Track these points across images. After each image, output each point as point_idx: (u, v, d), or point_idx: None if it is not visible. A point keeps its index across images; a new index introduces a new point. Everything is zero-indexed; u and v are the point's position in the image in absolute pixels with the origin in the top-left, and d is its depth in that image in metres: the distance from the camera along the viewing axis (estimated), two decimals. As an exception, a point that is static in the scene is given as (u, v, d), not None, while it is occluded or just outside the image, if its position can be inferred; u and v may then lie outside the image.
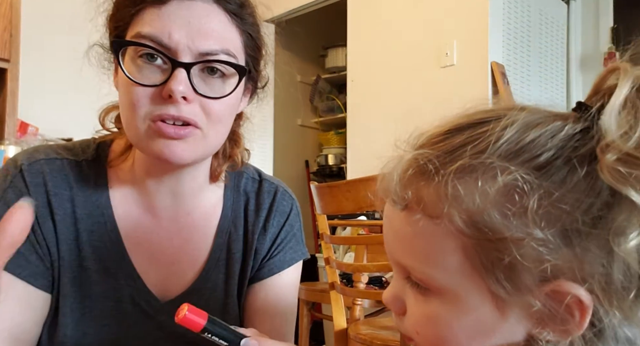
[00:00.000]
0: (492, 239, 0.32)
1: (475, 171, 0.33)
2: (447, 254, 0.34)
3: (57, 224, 0.65)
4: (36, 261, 0.64)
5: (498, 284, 0.33)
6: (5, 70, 2.28)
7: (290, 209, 0.79)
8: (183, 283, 0.72)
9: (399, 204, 0.37)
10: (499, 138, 0.33)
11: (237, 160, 0.75)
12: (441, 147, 0.36)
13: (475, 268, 0.34)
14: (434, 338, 0.37)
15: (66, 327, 0.65)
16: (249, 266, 0.75)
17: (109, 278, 0.67)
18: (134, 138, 0.62)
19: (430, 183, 0.35)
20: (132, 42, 0.59)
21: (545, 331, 0.34)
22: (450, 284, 0.35)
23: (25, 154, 0.68)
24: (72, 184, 0.67)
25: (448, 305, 0.36)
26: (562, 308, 0.33)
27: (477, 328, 0.35)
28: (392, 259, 0.39)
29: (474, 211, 0.33)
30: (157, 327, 0.69)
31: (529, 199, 0.31)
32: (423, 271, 0.36)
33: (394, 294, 0.40)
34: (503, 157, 0.33)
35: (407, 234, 0.37)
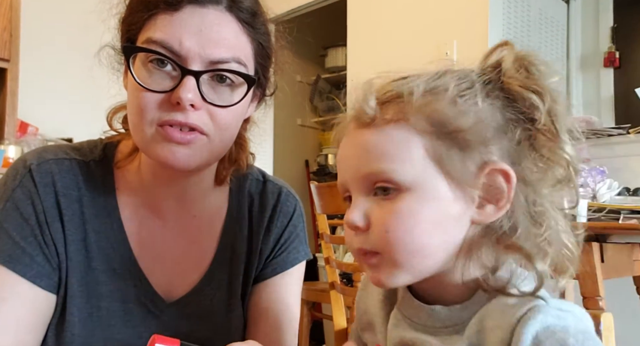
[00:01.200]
0: (448, 131, 0.43)
1: (429, 90, 0.45)
2: (413, 150, 0.43)
3: (65, 225, 0.65)
4: (42, 261, 0.64)
5: (453, 166, 0.43)
6: (5, 70, 2.28)
7: (294, 209, 0.79)
8: (188, 284, 0.72)
9: (371, 119, 0.45)
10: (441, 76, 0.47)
11: (242, 164, 0.75)
12: (392, 82, 0.48)
13: (435, 158, 0.43)
14: (404, 229, 0.43)
15: (73, 327, 0.65)
16: (253, 266, 0.75)
17: (116, 279, 0.68)
18: (140, 142, 0.62)
19: (395, 100, 0.45)
20: (143, 48, 0.59)
21: (484, 209, 0.44)
22: (416, 176, 0.43)
23: (34, 154, 0.68)
24: (80, 184, 0.68)
25: (414, 196, 0.43)
26: (496, 182, 0.44)
27: (438, 213, 0.44)
28: (358, 176, 0.46)
29: (434, 112, 0.44)
30: (163, 327, 0.69)
31: (471, 103, 0.44)
32: (393, 169, 0.43)
33: (361, 211, 0.45)
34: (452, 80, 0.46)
35: (378, 143, 0.44)
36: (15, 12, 2.29)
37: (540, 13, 2.67)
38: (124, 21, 0.64)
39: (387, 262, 0.45)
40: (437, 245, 0.44)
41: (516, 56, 0.46)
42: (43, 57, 2.63)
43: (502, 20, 2.41)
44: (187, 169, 0.62)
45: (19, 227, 0.63)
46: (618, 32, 2.75)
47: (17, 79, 2.32)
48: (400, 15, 2.67)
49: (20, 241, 0.63)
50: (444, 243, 0.45)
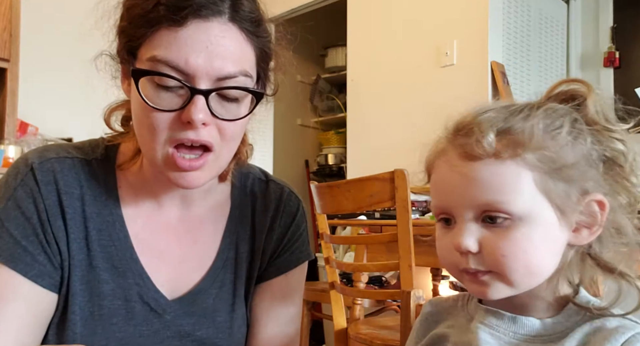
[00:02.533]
0: (556, 167, 0.48)
1: (546, 130, 0.49)
2: (524, 183, 0.48)
3: (67, 223, 0.66)
4: (44, 260, 0.64)
5: (558, 197, 0.49)
6: (5, 70, 2.28)
7: (297, 210, 0.80)
8: (191, 283, 0.72)
9: (487, 154, 0.49)
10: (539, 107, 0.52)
11: (242, 157, 0.76)
12: (505, 116, 0.51)
13: (543, 190, 0.48)
14: (522, 254, 0.48)
15: (75, 325, 0.65)
16: (256, 266, 0.76)
17: (118, 277, 0.68)
18: (151, 160, 0.63)
19: (510, 136, 0.49)
20: (152, 72, 0.59)
21: (580, 233, 0.51)
22: (528, 206, 0.48)
23: (35, 153, 0.68)
24: (82, 182, 0.68)
25: (526, 223, 0.48)
26: (592, 210, 0.50)
27: (547, 238, 0.49)
28: (470, 205, 0.50)
29: (547, 151, 0.48)
30: (164, 326, 0.69)
31: (578, 142, 0.50)
32: (508, 201, 0.48)
33: (473, 237, 0.50)
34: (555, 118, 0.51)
35: (494, 177, 0.49)
36: (15, 12, 2.29)
37: (540, 13, 2.67)
38: (123, 32, 0.63)
39: (500, 280, 0.50)
40: (547, 265, 0.50)
41: (597, 98, 0.52)
42: (43, 57, 2.63)
43: (502, 20, 2.41)
44: (196, 187, 0.64)
45: (21, 226, 0.63)
46: (618, 32, 2.75)
47: (17, 79, 2.32)
48: (400, 15, 2.67)
49: (22, 240, 0.63)
50: (550, 264, 0.50)
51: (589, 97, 0.52)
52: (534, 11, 2.63)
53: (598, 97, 0.52)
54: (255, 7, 0.64)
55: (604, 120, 0.51)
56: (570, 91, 0.53)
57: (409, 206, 1.31)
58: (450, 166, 0.52)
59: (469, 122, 0.52)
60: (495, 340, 0.53)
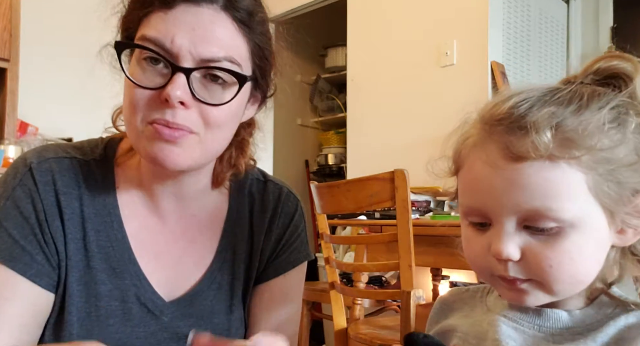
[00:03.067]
0: (610, 168, 0.44)
1: (597, 121, 0.44)
2: (577, 187, 0.44)
3: (65, 223, 0.65)
4: (42, 260, 0.64)
5: (610, 199, 0.44)
6: (5, 70, 2.28)
7: (295, 210, 0.79)
8: (188, 284, 0.72)
9: (536, 156, 0.43)
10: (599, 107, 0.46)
11: (241, 169, 0.75)
12: (554, 103, 0.46)
13: (595, 193, 0.44)
14: (570, 264, 0.44)
15: (72, 326, 0.65)
16: (254, 267, 0.75)
17: (115, 278, 0.67)
18: (133, 140, 0.63)
19: (566, 135, 0.44)
20: (133, 44, 0.60)
21: (625, 234, 0.47)
22: (579, 212, 0.44)
23: (34, 153, 0.68)
24: (80, 183, 0.67)
25: (578, 231, 0.44)
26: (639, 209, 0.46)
27: (598, 245, 0.46)
28: (515, 210, 0.45)
29: (604, 151, 0.44)
30: (161, 327, 0.69)
31: (627, 138, 0.45)
32: (561, 208, 0.43)
33: (515, 245, 0.46)
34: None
35: (542, 181, 0.43)
36: (15, 12, 2.29)
37: (540, 13, 2.67)
38: (122, 20, 0.64)
39: (540, 289, 0.46)
40: (592, 273, 0.47)
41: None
42: (43, 57, 2.63)
43: (502, 20, 2.41)
44: (177, 168, 0.61)
45: (19, 226, 0.63)
46: (618, 32, 2.75)
47: (17, 79, 2.32)
48: (400, 15, 2.67)
49: (20, 240, 0.63)
50: (595, 270, 0.47)
51: (636, 76, 0.46)
52: (534, 11, 2.63)
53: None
54: (253, 2, 0.64)
55: None
56: (611, 67, 0.47)
57: (409, 206, 1.31)
58: (491, 165, 0.46)
59: (513, 113, 0.45)
60: (519, 334, 0.49)
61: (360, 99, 2.84)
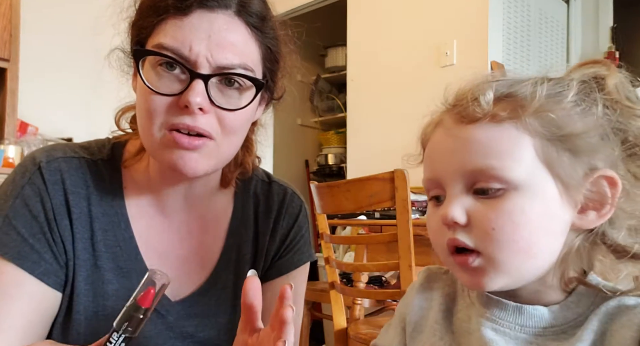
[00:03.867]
0: (561, 134, 0.44)
1: (549, 93, 0.45)
2: (523, 149, 0.44)
3: (73, 223, 0.66)
4: (50, 259, 0.64)
5: (562, 169, 0.44)
6: (5, 70, 2.28)
7: (299, 211, 0.79)
8: (194, 283, 0.72)
9: (484, 114, 0.45)
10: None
11: (248, 167, 0.76)
12: (508, 82, 0.47)
13: (545, 159, 0.44)
14: (513, 227, 0.43)
15: (79, 325, 0.65)
16: (259, 267, 0.76)
17: (122, 277, 0.68)
18: (149, 146, 0.63)
19: (510, 98, 0.46)
20: (153, 51, 0.60)
21: (586, 214, 0.45)
22: (526, 175, 0.43)
23: (43, 152, 0.68)
24: (88, 182, 0.68)
25: (523, 195, 0.43)
26: (603, 189, 0.44)
27: (546, 214, 0.44)
28: (461, 171, 0.45)
29: (550, 115, 0.44)
30: (167, 327, 0.69)
31: (586, 111, 0.45)
32: (505, 167, 0.43)
33: (461, 207, 0.45)
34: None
35: (490, 139, 0.44)
36: (15, 11, 2.29)
37: (540, 13, 2.67)
38: (134, 25, 0.64)
39: (489, 262, 0.44)
40: (543, 246, 0.44)
41: (617, 77, 0.47)
42: (43, 56, 2.63)
43: (502, 20, 2.41)
44: (195, 174, 0.62)
45: (28, 224, 0.64)
46: (618, 32, 2.75)
47: (17, 79, 2.32)
48: (400, 15, 2.67)
49: (29, 238, 0.63)
50: (549, 244, 0.45)
51: (608, 75, 0.47)
52: (534, 11, 2.63)
53: (618, 76, 0.48)
54: (263, 5, 0.65)
55: (625, 98, 0.47)
56: (590, 74, 0.48)
57: (409, 206, 1.31)
58: (445, 131, 0.48)
59: (469, 89, 0.47)
60: (499, 336, 0.47)
61: (360, 99, 2.84)
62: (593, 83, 0.47)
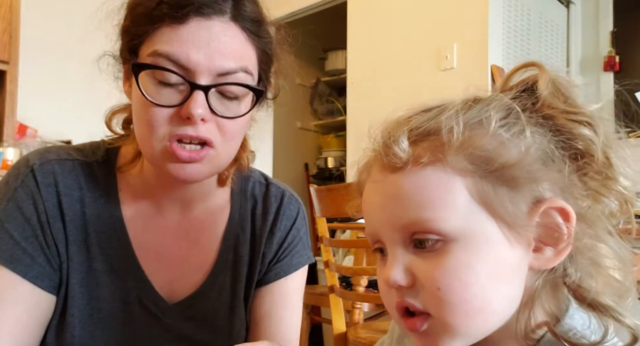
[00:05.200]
0: (492, 168, 0.38)
1: (468, 124, 0.40)
2: (455, 194, 0.39)
3: (67, 225, 0.65)
4: (43, 262, 0.64)
5: (502, 208, 0.38)
6: (5, 72, 2.28)
7: (297, 213, 0.79)
8: (191, 286, 0.72)
9: (404, 163, 0.40)
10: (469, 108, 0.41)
11: (243, 163, 0.75)
12: (423, 118, 0.42)
13: (481, 200, 0.39)
14: (458, 285, 0.38)
15: (74, 328, 0.65)
16: (256, 269, 0.75)
17: (117, 280, 0.67)
18: (149, 156, 0.63)
19: (429, 139, 0.40)
20: (153, 65, 0.59)
21: (543, 252, 0.40)
22: (463, 223, 0.38)
23: (36, 154, 0.68)
24: (82, 185, 0.68)
25: (464, 245, 0.38)
26: (555, 221, 0.39)
27: (494, 262, 0.39)
28: (394, 227, 0.41)
29: (475, 149, 0.39)
30: (164, 329, 0.69)
31: (516, 135, 0.40)
32: (436, 218, 0.38)
33: (401, 267, 0.40)
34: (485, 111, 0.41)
35: (415, 189, 0.40)
36: (15, 14, 2.29)
37: (540, 17, 2.67)
38: (125, 31, 0.64)
39: (441, 326, 0.39)
40: (498, 300, 0.39)
41: (550, 79, 0.42)
42: (42, 59, 2.63)
43: (502, 24, 2.41)
44: (195, 181, 0.63)
45: (21, 227, 0.63)
46: (618, 36, 2.75)
47: (17, 81, 2.32)
48: (400, 19, 2.67)
49: (22, 242, 0.63)
50: (505, 297, 0.39)
51: (539, 78, 0.42)
52: (534, 15, 2.63)
53: (551, 77, 0.42)
54: (257, 9, 0.65)
55: (562, 102, 0.41)
56: (529, 78, 0.43)
57: (408, 209, 1.31)
58: (373, 182, 0.43)
59: (386, 133, 0.43)
60: None
61: (360, 103, 2.84)
62: (524, 95, 0.42)
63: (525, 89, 0.43)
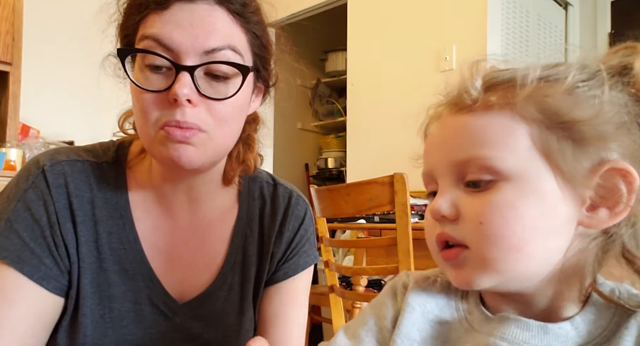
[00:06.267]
0: (561, 121, 0.39)
1: (545, 77, 0.41)
2: (518, 138, 0.40)
3: (77, 226, 0.66)
4: (51, 264, 0.64)
5: (563, 161, 0.39)
6: (7, 73, 2.29)
7: (305, 213, 0.79)
8: (200, 285, 0.72)
9: (474, 101, 0.42)
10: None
11: (250, 165, 0.75)
12: (503, 70, 0.43)
13: (543, 149, 0.39)
14: (501, 222, 0.39)
15: (86, 328, 0.65)
16: (265, 269, 0.76)
17: (128, 280, 0.68)
18: (147, 145, 0.63)
19: (502, 86, 0.42)
20: (133, 49, 0.60)
21: (597, 212, 0.40)
22: (520, 165, 0.39)
23: (47, 155, 0.68)
24: (92, 186, 0.68)
25: (515, 187, 0.39)
26: (615, 183, 0.39)
27: (542, 210, 0.39)
28: (452, 162, 0.42)
29: (547, 99, 0.39)
30: (174, 329, 0.69)
31: (592, 94, 0.40)
32: (495, 156, 0.40)
33: (449, 200, 0.42)
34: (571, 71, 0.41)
35: (479, 127, 0.41)
36: (18, 15, 2.30)
37: (539, 18, 2.69)
38: (120, 28, 0.65)
39: (477, 259, 0.40)
40: (539, 246, 0.40)
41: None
42: (45, 60, 2.64)
43: (500, 26, 2.42)
44: (191, 166, 0.62)
45: (29, 228, 0.64)
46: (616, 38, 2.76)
47: (19, 82, 2.33)
48: (400, 20, 2.68)
49: (30, 242, 0.63)
50: (547, 243, 0.40)
51: (636, 59, 0.42)
52: (532, 16, 2.64)
53: None
54: None
55: None
56: (626, 60, 0.43)
57: (408, 209, 1.32)
58: (440, 123, 0.45)
59: (462, 77, 0.44)
60: None
61: (360, 103, 2.85)
62: (618, 69, 0.42)
63: (622, 68, 0.43)
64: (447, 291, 0.48)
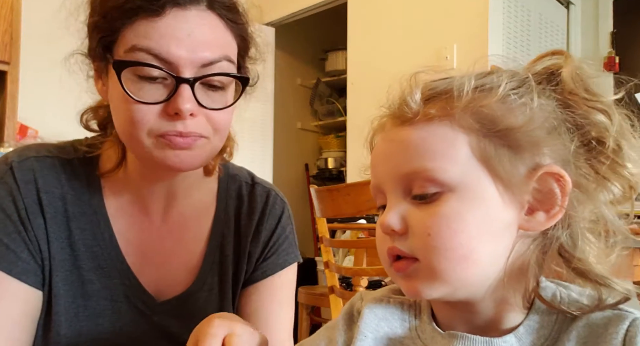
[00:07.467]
0: (496, 129, 0.41)
1: (479, 87, 0.42)
2: (458, 147, 0.41)
3: (47, 222, 0.65)
4: (28, 258, 0.64)
5: (501, 167, 0.40)
6: (5, 73, 2.28)
7: (282, 212, 0.79)
8: (178, 284, 0.72)
9: (414, 114, 0.43)
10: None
11: (229, 151, 0.76)
12: (439, 81, 0.46)
13: (482, 157, 0.41)
14: (448, 233, 0.40)
15: (60, 326, 0.64)
16: (242, 269, 0.75)
17: (103, 277, 0.67)
18: (138, 151, 0.62)
19: (440, 97, 0.43)
20: (136, 62, 0.58)
21: (534, 216, 0.41)
22: (461, 175, 0.41)
23: (16, 152, 0.68)
24: (63, 182, 0.67)
25: (459, 197, 0.41)
26: (550, 187, 0.41)
27: (486, 217, 0.41)
28: (397, 175, 0.43)
29: (482, 109, 0.41)
30: (152, 327, 0.69)
31: (524, 101, 0.42)
32: (437, 168, 0.41)
33: (397, 214, 0.43)
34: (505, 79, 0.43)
35: (421, 140, 0.42)
36: (16, 14, 2.29)
37: (540, 18, 2.68)
38: (96, 28, 0.62)
39: (426, 270, 0.41)
40: (485, 251, 0.41)
41: (574, 67, 0.44)
42: (43, 59, 2.63)
43: (502, 25, 2.41)
44: (191, 169, 0.63)
45: (2, 224, 0.63)
46: (618, 37, 2.76)
47: (17, 82, 2.32)
48: (401, 20, 2.67)
49: (4, 238, 0.63)
50: (491, 249, 0.41)
51: (565, 66, 0.44)
52: (534, 15, 2.63)
53: (576, 67, 0.44)
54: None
55: (583, 90, 0.43)
56: (552, 66, 0.45)
57: (408, 210, 1.31)
58: (384, 135, 0.46)
59: (401, 89, 0.46)
60: None
61: (360, 103, 2.84)
62: (544, 75, 0.44)
63: (549, 74, 0.45)
64: (401, 311, 0.49)
